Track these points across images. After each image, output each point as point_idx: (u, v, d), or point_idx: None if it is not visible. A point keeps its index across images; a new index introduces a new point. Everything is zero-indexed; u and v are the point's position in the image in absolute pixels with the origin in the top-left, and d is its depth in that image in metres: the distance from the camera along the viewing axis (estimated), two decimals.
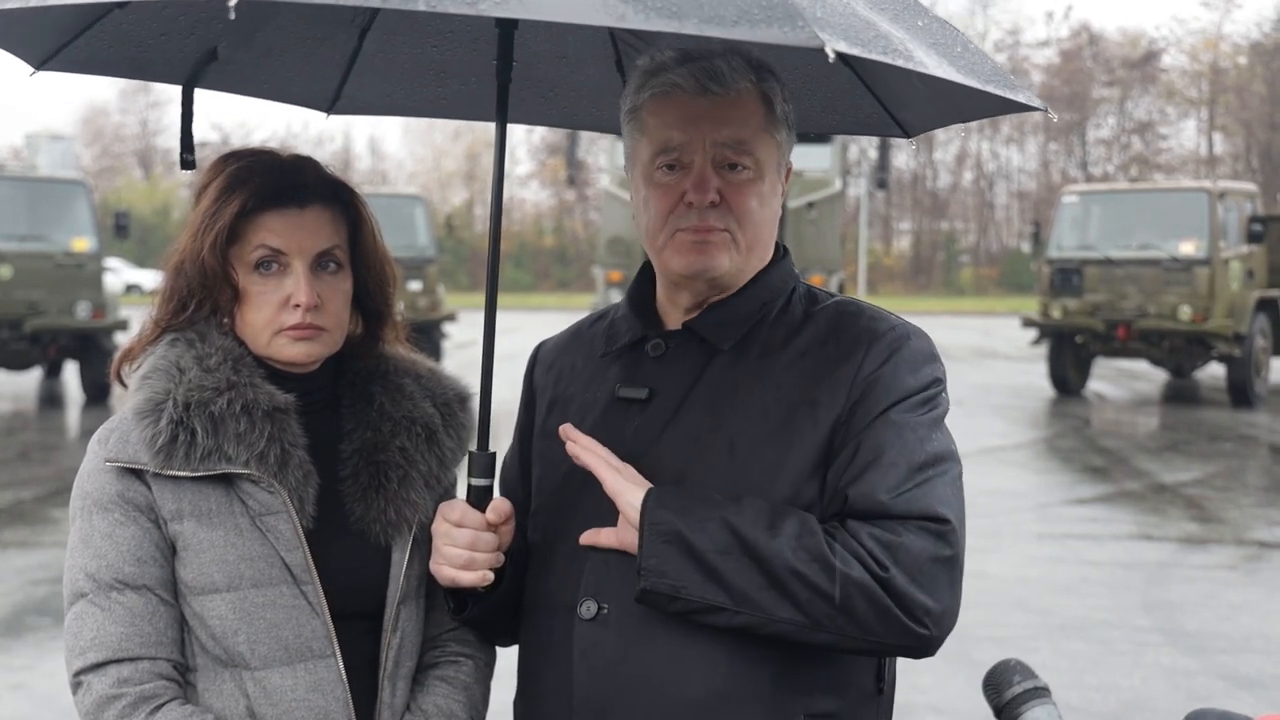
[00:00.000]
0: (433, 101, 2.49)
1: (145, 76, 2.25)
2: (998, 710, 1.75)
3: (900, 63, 1.52)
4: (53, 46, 2.07)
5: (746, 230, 1.89)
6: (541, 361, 2.14)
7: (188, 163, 2.16)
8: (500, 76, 1.96)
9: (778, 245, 2.01)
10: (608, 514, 1.87)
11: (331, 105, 2.45)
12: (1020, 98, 1.78)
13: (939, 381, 1.89)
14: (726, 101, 1.86)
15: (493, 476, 1.94)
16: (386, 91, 2.47)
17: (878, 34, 1.54)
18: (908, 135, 2.26)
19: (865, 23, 1.55)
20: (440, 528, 1.92)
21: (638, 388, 1.94)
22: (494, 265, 1.97)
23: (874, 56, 1.48)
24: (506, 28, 1.96)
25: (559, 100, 2.45)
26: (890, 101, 2.18)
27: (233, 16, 1.33)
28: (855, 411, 1.83)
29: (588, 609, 1.86)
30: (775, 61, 1.94)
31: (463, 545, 1.89)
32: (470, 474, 1.94)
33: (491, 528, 1.90)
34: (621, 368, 1.98)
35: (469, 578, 1.89)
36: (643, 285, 2.02)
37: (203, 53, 2.13)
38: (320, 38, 2.27)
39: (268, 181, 1.94)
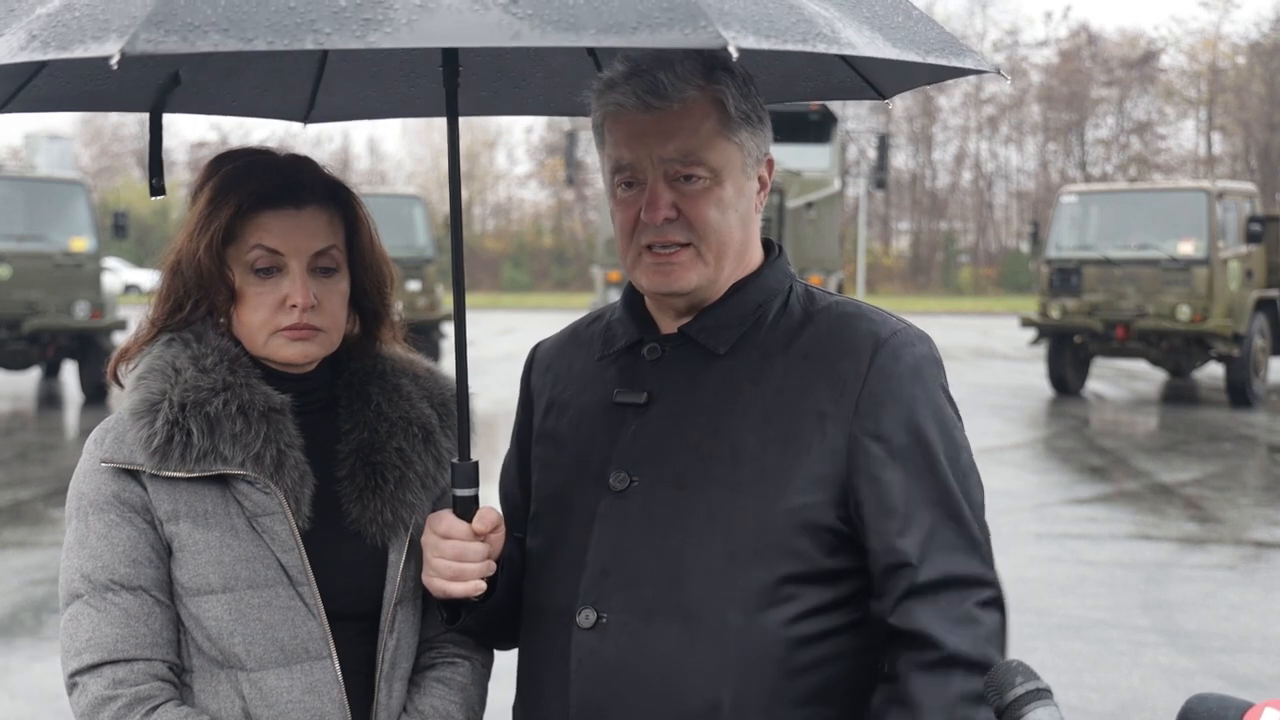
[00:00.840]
0: (407, 101, 2.48)
1: (110, 108, 2.23)
2: (1000, 711, 1.74)
3: (821, 47, 1.49)
4: (10, 89, 2.05)
5: (709, 241, 1.86)
6: (539, 363, 2.12)
7: (157, 188, 2.12)
8: (447, 84, 1.92)
9: (773, 245, 1.99)
10: (606, 518, 1.87)
11: (307, 115, 2.44)
12: (967, 63, 1.76)
13: (945, 390, 1.89)
14: (670, 114, 1.83)
15: (477, 486, 1.92)
16: (359, 95, 2.45)
17: (800, 18, 1.50)
18: (883, 96, 2.23)
19: (787, 7, 1.51)
20: (428, 540, 1.91)
21: (635, 392, 1.92)
22: (459, 273, 1.94)
23: (788, 46, 1.45)
24: None
25: (534, 89, 2.43)
26: (861, 66, 2.14)
27: (114, 66, 1.32)
28: (867, 430, 1.81)
29: (586, 617, 1.84)
30: None
31: (450, 557, 1.87)
32: (453, 485, 1.92)
33: (479, 537, 1.89)
34: (618, 371, 1.96)
35: (459, 589, 1.88)
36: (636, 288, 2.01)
37: (164, 78, 2.10)
38: (281, 52, 2.24)
39: (264, 181, 1.94)
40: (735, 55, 1.36)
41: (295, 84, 2.35)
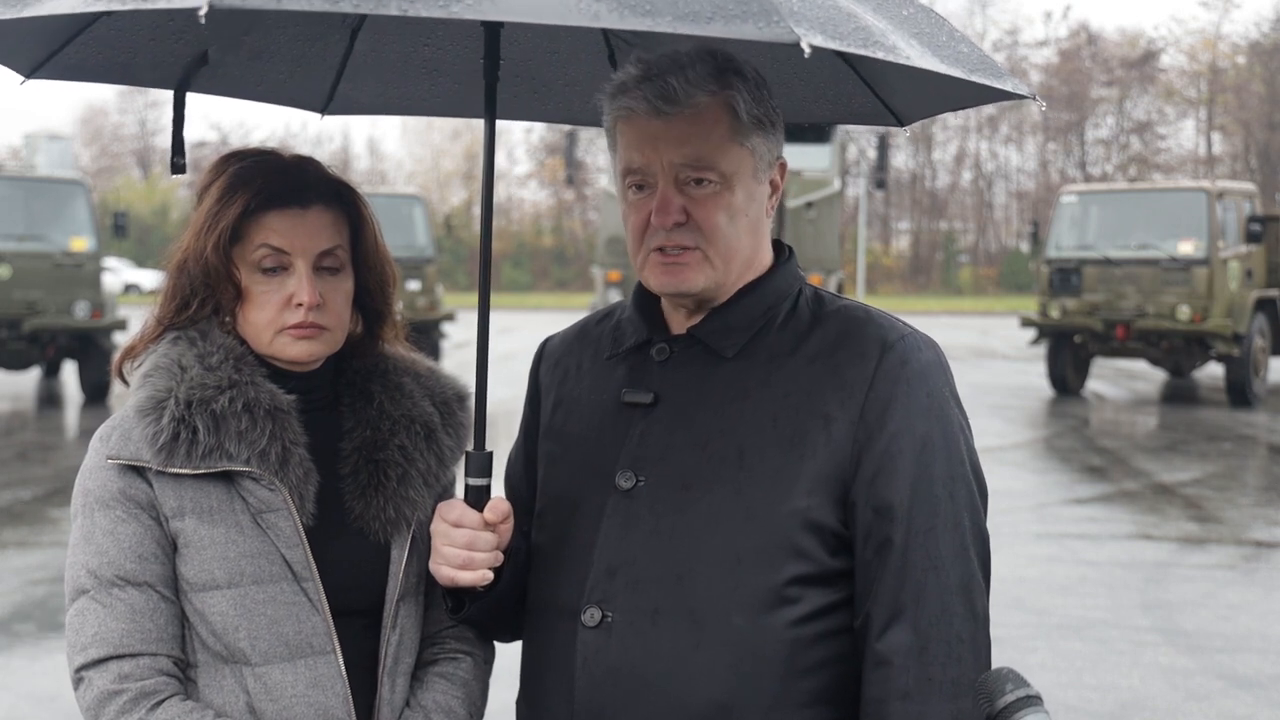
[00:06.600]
0: (426, 100, 2.48)
1: (136, 82, 2.24)
2: (990, 718, 1.75)
3: (881, 55, 1.51)
4: (42, 55, 2.06)
5: (717, 245, 1.86)
6: (547, 358, 2.12)
7: (179, 166, 2.14)
8: (488, 77, 1.94)
9: (784, 246, 2.00)
10: (613, 517, 1.88)
11: (326, 105, 2.45)
12: (1007, 86, 1.77)
13: (953, 396, 1.90)
14: (682, 119, 1.83)
15: (490, 476, 1.94)
16: (380, 91, 2.46)
17: (858, 26, 1.53)
18: (902, 123, 2.24)
19: (846, 15, 1.53)
20: (438, 527, 1.91)
21: (643, 392, 1.92)
22: (486, 264, 1.95)
23: (852, 49, 1.48)
24: (492, 28, 1.95)
25: (553, 96, 2.44)
26: (883, 90, 2.16)
27: (203, 20, 1.32)
28: (871, 433, 1.82)
29: (591, 616, 1.85)
30: (763, 52, 1.90)
31: (460, 545, 1.88)
32: (467, 473, 1.93)
33: (490, 527, 1.89)
34: (627, 370, 1.97)
35: (467, 577, 1.88)
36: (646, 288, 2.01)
37: (193, 56, 2.12)
38: (311, 39, 2.25)
39: (271, 182, 1.95)
40: (808, 52, 1.37)
41: (318, 74, 2.35)
